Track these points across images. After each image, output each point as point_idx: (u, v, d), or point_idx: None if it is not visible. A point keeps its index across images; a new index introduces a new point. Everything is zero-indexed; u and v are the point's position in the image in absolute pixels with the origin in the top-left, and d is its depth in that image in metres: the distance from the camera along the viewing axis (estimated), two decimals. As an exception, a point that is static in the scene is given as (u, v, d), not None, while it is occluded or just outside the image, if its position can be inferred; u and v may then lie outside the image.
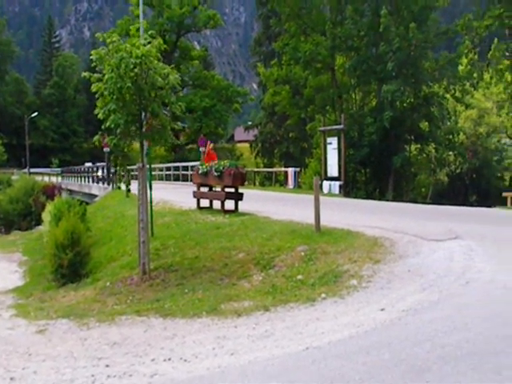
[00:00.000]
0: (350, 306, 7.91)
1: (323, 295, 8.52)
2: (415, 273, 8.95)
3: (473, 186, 42.87)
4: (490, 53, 25.06)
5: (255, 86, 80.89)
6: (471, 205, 29.75)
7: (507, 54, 23.96)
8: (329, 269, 9.80)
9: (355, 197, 26.47)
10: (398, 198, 28.00)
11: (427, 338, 5.99)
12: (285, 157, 52.27)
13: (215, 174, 16.13)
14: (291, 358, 6.05)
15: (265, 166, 50.59)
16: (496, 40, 26.14)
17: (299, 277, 9.76)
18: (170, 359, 6.49)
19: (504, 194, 29.23)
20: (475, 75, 27.57)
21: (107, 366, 6.32)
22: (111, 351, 6.93)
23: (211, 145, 25.08)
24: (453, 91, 29.22)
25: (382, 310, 7.49)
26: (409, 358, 5.45)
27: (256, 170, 42.59)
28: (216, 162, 18.29)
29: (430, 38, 28.17)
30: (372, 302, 7.92)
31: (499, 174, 42.84)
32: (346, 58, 31.28)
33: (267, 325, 7.51)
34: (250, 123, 61.65)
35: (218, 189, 16.62)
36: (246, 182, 39.32)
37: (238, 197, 16.12)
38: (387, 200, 26.21)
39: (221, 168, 15.90)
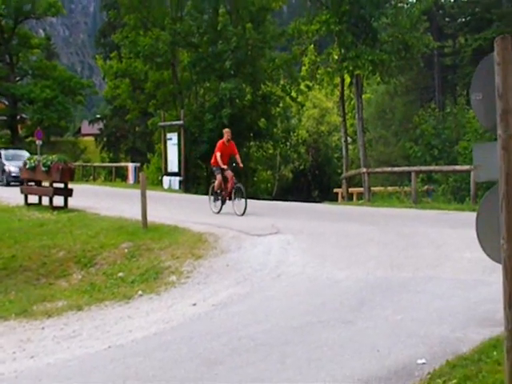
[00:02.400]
0: (164, 302, 7.97)
1: (140, 292, 8.50)
2: (233, 267, 9.20)
3: (315, 181, 44.71)
4: (325, 56, 26.40)
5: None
6: (314, 200, 31.02)
7: (336, 57, 25.33)
8: (151, 265, 9.80)
9: (195, 192, 26.59)
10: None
11: (227, 331, 6.17)
12: (131, 151, 51.22)
13: (43, 169, 15.46)
14: (91, 357, 5.96)
15: (110, 161, 49.30)
16: (336, 44, 27.47)
17: (120, 274, 9.66)
18: (-37, 365, 6.13)
19: (335, 190, 31.02)
20: (317, 76, 28.78)
21: None
22: None
23: (227, 133, 14.41)
24: (288, 91, 30.36)
25: (194, 305, 7.62)
26: (205, 351, 5.58)
27: (96, 164, 41.45)
28: (237, 155, 14.34)
29: (266, 39, 28.98)
30: (186, 298, 8.03)
31: (339, 171, 45.09)
32: (188, 54, 31.22)
33: (76, 325, 7.34)
34: (98, 116, 59.53)
35: (47, 184, 15.96)
36: (91, 177, 38.44)
37: (67, 193, 15.56)
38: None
39: (48, 163, 15.26)
